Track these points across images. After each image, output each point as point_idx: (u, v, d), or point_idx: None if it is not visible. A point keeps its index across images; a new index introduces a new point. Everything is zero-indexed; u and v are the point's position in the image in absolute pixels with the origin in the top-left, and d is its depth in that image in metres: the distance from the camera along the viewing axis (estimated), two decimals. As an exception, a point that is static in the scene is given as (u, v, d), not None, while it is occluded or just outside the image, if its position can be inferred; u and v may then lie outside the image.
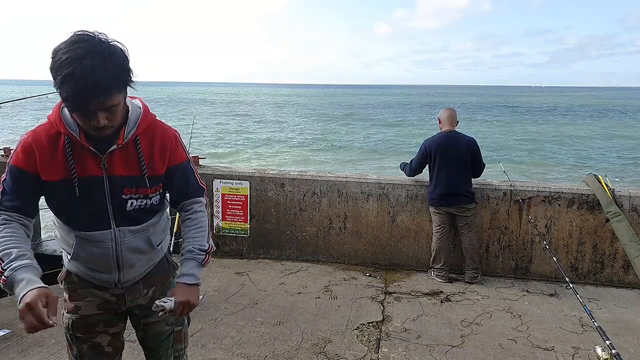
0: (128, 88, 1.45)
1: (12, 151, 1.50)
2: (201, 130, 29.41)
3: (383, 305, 3.79)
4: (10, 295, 3.69)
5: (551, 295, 4.06)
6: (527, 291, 4.13)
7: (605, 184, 4.24)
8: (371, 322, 3.49)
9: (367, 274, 4.45)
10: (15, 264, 1.37)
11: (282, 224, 4.82)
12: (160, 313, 1.53)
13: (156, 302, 1.53)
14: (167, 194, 1.75)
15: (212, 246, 1.70)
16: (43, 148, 1.48)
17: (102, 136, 1.47)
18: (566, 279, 2.85)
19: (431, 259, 4.39)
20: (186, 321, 1.94)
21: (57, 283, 1.72)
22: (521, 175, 15.53)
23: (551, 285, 4.27)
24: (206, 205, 1.75)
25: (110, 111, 1.39)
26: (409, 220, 4.58)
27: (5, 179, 1.50)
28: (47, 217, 6.73)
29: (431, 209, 4.39)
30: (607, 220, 4.10)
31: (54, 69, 1.31)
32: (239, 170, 4.96)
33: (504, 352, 3.12)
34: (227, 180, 4.82)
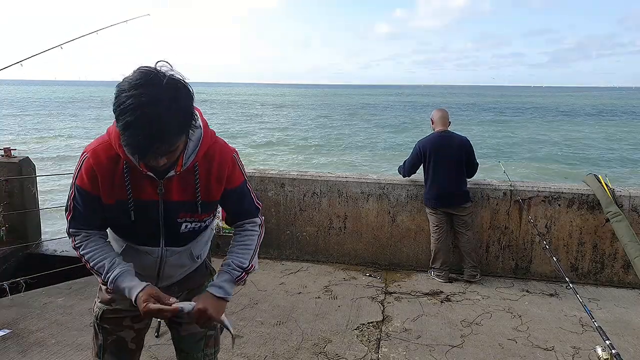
0: None
1: (76, 170, 1.52)
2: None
3: (383, 305, 3.79)
4: (12, 295, 3.69)
5: (551, 295, 4.06)
6: (527, 291, 4.13)
7: (605, 184, 4.24)
8: (371, 322, 3.50)
9: (367, 274, 4.45)
10: (111, 275, 1.52)
11: (282, 224, 4.82)
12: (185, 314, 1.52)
13: (176, 302, 1.53)
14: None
15: (253, 265, 1.67)
16: (104, 172, 1.48)
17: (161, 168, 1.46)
18: (566, 279, 2.85)
19: (431, 259, 4.39)
20: (219, 326, 1.91)
21: (57, 283, 1.74)
22: (521, 175, 15.52)
23: (551, 285, 4.27)
24: (260, 225, 1.73)
25: (171, 153, 1.38)
26: (409, 220, 4.58)
27: (74, 197, 1.54)
28: (46, 217, 6.72)
29: (427, 210, 4.39)
30: (607, 220, 4.09)
31: (116, 112, 1.28)
32: (239, 171, 4.96)
33: (504, 352, 3.12)
34: (227, 181, 4.82)
